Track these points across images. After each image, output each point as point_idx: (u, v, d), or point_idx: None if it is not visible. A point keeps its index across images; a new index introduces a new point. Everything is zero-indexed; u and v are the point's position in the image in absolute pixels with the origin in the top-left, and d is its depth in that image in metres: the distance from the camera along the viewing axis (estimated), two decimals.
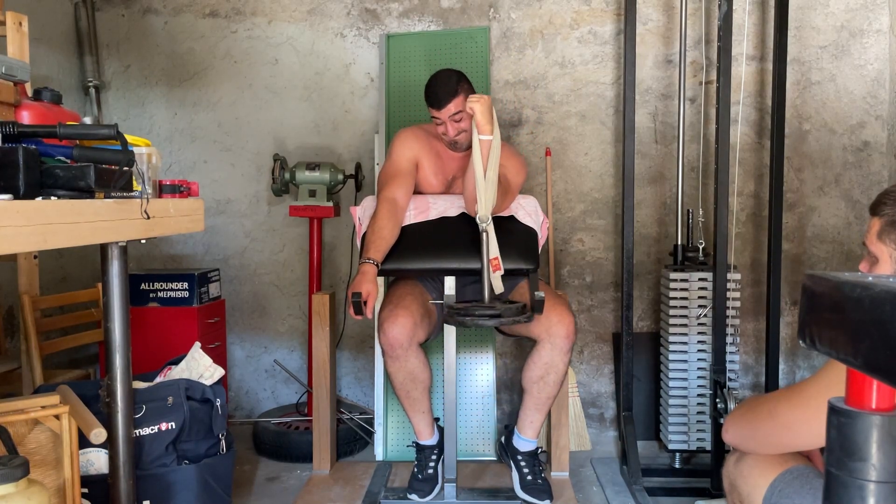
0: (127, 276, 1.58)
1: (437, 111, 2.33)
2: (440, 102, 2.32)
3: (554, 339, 2.26)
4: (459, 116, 2.33)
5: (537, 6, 3.10)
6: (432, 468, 2.42)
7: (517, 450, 2.41)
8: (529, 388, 2.33)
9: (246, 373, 3.34)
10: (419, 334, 2.26)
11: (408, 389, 2.33)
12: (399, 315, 2.22)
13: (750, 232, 3.06)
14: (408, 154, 2.43)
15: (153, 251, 3.33)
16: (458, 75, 2.37)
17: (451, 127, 2.35)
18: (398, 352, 2.23)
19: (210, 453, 2.03)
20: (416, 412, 2.39)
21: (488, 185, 2.13)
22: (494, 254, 2.17)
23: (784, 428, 1.20)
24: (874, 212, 1.23)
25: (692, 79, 3.03)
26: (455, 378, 2.33)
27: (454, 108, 2.32)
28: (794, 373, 3.09)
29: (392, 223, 2.26)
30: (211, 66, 3.25)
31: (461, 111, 2.32)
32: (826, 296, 0.60)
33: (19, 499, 1.32)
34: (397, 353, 2.23)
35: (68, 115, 1.55)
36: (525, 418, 2.39)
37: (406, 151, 2.43)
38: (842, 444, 0.59)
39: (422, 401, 2.37)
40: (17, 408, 1.65)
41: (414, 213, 2.33)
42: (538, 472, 2.39)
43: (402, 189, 2.34)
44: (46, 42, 3.05)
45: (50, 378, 2.48)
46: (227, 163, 3.28)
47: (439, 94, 2.32)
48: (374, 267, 2.17)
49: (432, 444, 2.44)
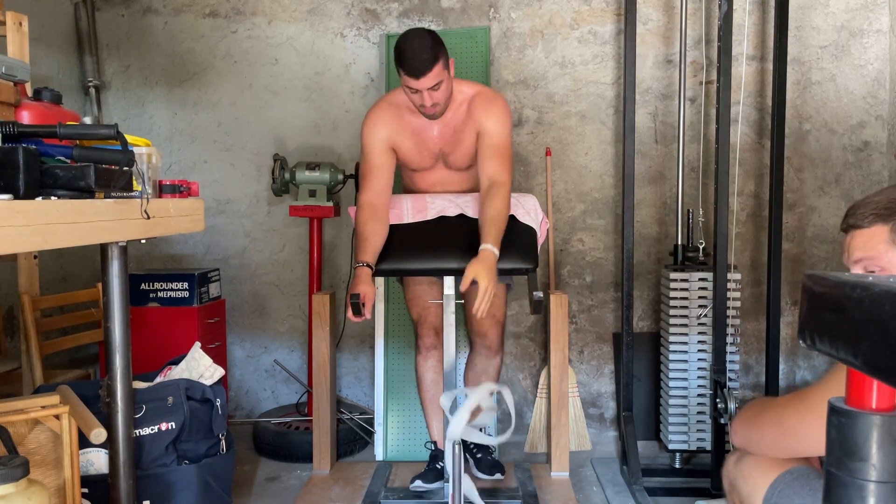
0: (127, 276, 1.58)
1: (415, 81, 2.09)
2: (418, 72, 2.07)
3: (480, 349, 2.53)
4: (438, 86, 2.12)
5: (537, 6, 3.10)
6: (441, 466, 2.48)
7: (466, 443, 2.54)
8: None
9: (246, 373, 3.34)
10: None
11: (433, 394, 2.50)
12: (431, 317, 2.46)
13: (750, 232, 3.06)
14: (378, 145, 2.28)
15: (153, 251, 3.33)
16: (433, 38, 2.12)
17: (428, 97, 2.13)
18: (431, 353, 2.47)
19: (210, 453, 2.03)
20: (438, 420, 2.53)
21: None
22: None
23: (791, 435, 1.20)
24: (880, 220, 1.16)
25: (692, 79, 3.02)
26: (455, 378, 2.32)
27: (434, 79, 2.10)
28: (794, 373, 3.09)
29: (373, 225, 2.22)
30: (211, 66, 3.25)
31: (440, 81, 2.11)
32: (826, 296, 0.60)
33: (19, 499, 1.32)
34: (431, 353, 2.47)
35: (68, 115, 1.55)
36: None
37: (376, 142, 2.28)
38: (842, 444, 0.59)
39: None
40: (17, 408, 1.65)
41: (412, 213, 2.32)
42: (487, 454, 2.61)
43: (377, 187, 2.27)
44: (46, 42, 3.04)
45: (50, 378, 2.48)
46: (227, 163, 3.28)
47: (416, 63, 2.07)
48: (367, 269, 2.16)
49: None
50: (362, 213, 2.25)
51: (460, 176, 2.41)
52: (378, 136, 2.28)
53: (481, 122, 2.25)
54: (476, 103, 2.27)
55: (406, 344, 2.85)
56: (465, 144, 2.31)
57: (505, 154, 2.24)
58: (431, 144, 2.34)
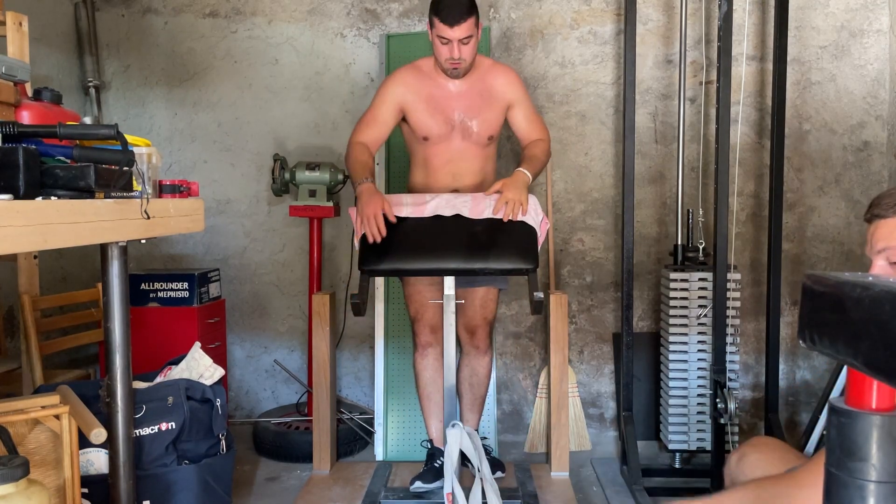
0: (127, 276, 1.58)
1: (450, 28, 2.18)
2: (454, 19, 2.16)
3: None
4: (468, 40, 2.22)
5: (537, 6, 3.10)
6: (439, 465, 2.46)
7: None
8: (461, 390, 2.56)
9: (246, 373, 3.34)
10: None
11: (431, 391, 2.51)
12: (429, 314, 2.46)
13: (750, 232, 3.06)
14: (389, 99, 2.33)
15: (153, 251, 3.33)
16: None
17: (458, 49, 2.22)
18: (429, 350, 2.49)
19: (210, 453, 2.03)
20: (434, 418, 2.54)
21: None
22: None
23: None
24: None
25: (692, 79, 3.02)
26: (455, 378, 2.33)
27: (467, 31, 2.19)
28: (794, 373, 3.09)
29: (366, 156, 2.29)
30: (211, 66, 3.25)
31: (471, 35, 2.22)
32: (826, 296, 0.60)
33: (19, 499, 1.32)
34: (428, 351, 2.49)
35: (68, 115, 1.55)
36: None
37: (388, 96, 2.34)
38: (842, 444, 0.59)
39: (441, 407, 2.48)
40: (17, 408, 1.65)
41: (410, 209, 2.30)
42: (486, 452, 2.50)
43: (371, 136, 2.33)
44: (46, 42, 3.04)
45: (50, 378, 2.48)
46: (227, 163, 3.28)
47: (454, 11, 2.16)
48: (371, 184, 2.20)
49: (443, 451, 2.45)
50: (356, 147, 2.30)
51: (477, 152, 2.41)
52: (393, 91, 2.36)
53: (506, 93, 2.39)
54: (495, 74, 2.40)
55: (406, 344, 2.85)
56: (490, 112, 2.38)
57: (539, 119, 2.47)
58: (449, 110, 2.36)
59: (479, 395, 2.59)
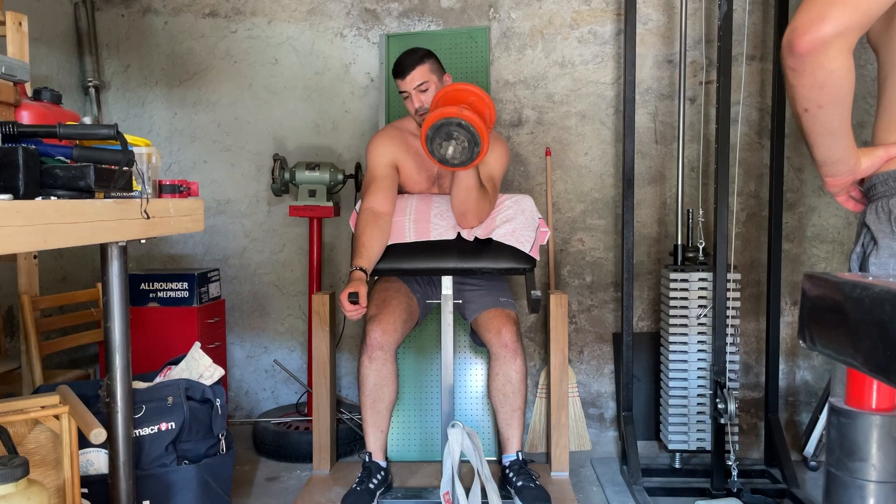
0: (127, 276, 1.58)
1: (402, 81, 2.39)
2: (404, 71, 2.38)
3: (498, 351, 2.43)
4: (425, 87, 2.38)
5: (537, 6, 3.10)
6: (374, 484, 2.36)
7: (503, 467, 2.46)
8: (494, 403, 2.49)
9: (246, 373, 3.34)
10: (398, 339, 2.42)
11: (374, 399, 2.41)
12: (385, 316, 2.39)
13: (750, 232, 3.06)
14: (383, 159, 2.45)
15: (153, 251, 3.33)
16: (425, 50, 2.44)
17: (416, 98, 2.39)
18: (377, 353, 2.38)
19: (210, 453, 2.03)
20: (376, 429, 2.45)
21: None
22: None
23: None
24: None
25: (692, 79, 3.02)
26: (453, 378, 2.33)
27: (419, 78, 2.37)
28: (795, 373, 3.09)
29: (372, 230, 2.28)
30: (211, 65, 3.25)
31: (426, 81, 2.38)
32: (826, 296, 0.60)
33: (19, 499, 1.32)
34: (376, 354, 2.38)
35: (68, 115, 1.55)
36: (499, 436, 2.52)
37: (380, 158, 2.45)
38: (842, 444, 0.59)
39: (384, 418, 2.45)
40: (17, 408, 1.65)
41: (414, 234, 2.34)
42: (530, 479, 2.33)
43: (379, 195, 2.36)
44: (46, 42, 3.05)
45: (50, 378, 2.48)
46: (227, 163, 3.28)
47: (404, 63, 2.38)
48: (363, 274, 2.22)
49: (383, 466, 2.44)
50: (362, 217, 2.32)
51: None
52: (383, 151, 2.46)
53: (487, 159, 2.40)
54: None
55: (405, 344, 2.85)
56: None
57: (494, 183, 2.41)
58: (430, 165, 2.49)
59: (516, 407, 2.43)
